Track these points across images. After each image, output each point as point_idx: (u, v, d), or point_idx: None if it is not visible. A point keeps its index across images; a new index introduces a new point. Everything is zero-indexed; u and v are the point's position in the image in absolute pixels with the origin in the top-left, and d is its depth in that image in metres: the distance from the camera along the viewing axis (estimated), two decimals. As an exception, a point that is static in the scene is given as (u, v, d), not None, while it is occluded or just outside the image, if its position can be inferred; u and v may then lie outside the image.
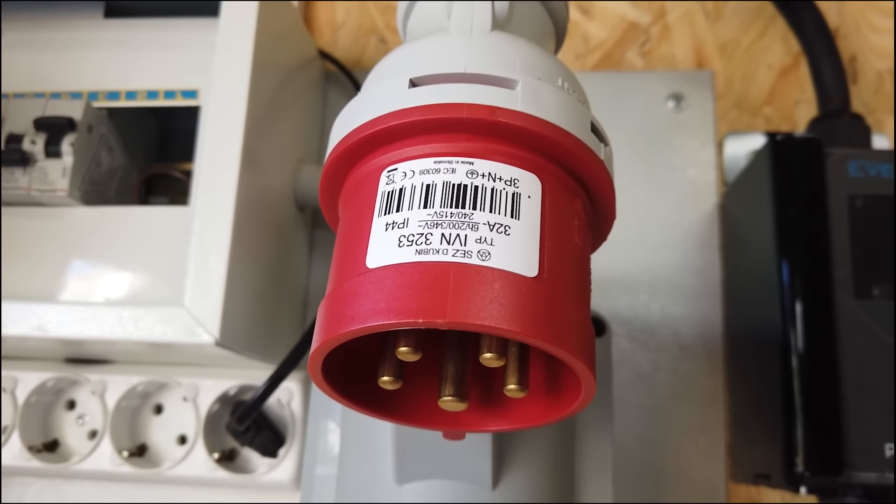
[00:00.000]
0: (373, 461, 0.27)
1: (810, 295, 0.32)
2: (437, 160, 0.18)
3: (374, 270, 0.17)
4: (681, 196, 0.42)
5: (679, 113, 0.43)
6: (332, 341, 0.17)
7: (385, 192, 0.18)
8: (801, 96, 0.43)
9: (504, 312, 0.16)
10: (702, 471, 0.39)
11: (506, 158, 0.18)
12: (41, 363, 0.39)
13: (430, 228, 0.17)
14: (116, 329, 0.32)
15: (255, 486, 0.38)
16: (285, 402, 0.38)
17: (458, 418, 0.21)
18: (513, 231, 0.17)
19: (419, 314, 0.16)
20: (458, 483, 0.26)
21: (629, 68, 0.44)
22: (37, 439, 0.39)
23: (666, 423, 0.39)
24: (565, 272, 0.18)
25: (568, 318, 0.17)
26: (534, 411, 0.21)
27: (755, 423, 0.36)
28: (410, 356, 0.18)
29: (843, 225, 0.33)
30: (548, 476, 0.27)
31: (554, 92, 0.19)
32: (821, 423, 0.31)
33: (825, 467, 0.31)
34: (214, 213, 0.32)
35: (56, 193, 0.35)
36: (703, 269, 0.41)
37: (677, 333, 0.41)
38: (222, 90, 0.34)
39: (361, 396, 0.20)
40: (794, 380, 0.32)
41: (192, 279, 0.32)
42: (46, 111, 0.36)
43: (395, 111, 0.18)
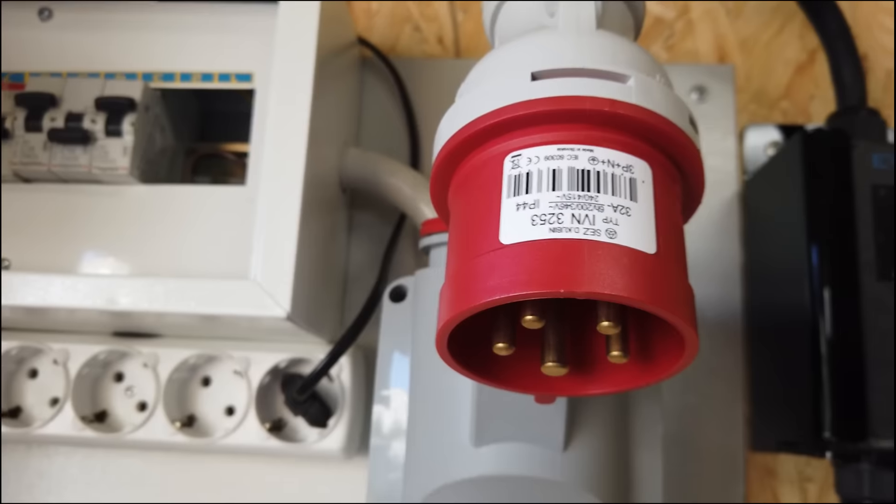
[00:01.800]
0: (448, 424, 0.29)
1: (837, 277, 0.35)
2: (561, 147, 0.20)
3: (511, 246, 0.19)
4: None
5: (702, 104, 0.46)
6: (473, 310, 0.19)
7: (512, 175, 0.20)
8: (815, 91, 0.46)
9: (633, 284, 0.18)
10: (721, 440, 0.42)
11: (622, 147, 0.20)
12: (92, 336, 0.40)
13: (561, 209, 0.19)
14: (189, 303, 0.33)
15: (306, 454, 0.40)
16: (335, 375, 0.40)
17: (556, 383, 0.23)
18: (633, 212, 0.19)
19: (560, 285, 0.18)
20: (531, 445, 0.28)
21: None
22: (87, 410, 0.40)
23: (687, 396, 0.42)
24: (675, 249, 0.20)
25: (680, 288, 0.19)
26: (626, 376, 0.23)
27: (780, 396, 0.39)
28: (535, 324, 0.20)
29: (867, 213, 0.35)
30: (608, 442, 0.29)
31: (660, 87, 0.21)
32: (846, 394, 0.34)
33: (850, 434, 0.33)
34: (283, 190, 0.34)
35: (117, 172, 0.36)
36: (723, 253, 0.44)
37: (698, 313, 0.43)
38: (288, 73, 0.35)
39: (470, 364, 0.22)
40: (823, 355, 0.34)
41: (263, 254, 0.33)
42: (105, 91, 0.37)
43: (521, 102, 0.20)
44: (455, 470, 0.28)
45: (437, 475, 0.29)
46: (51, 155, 0.37)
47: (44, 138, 0.37)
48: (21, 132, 0.37)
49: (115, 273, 0.36)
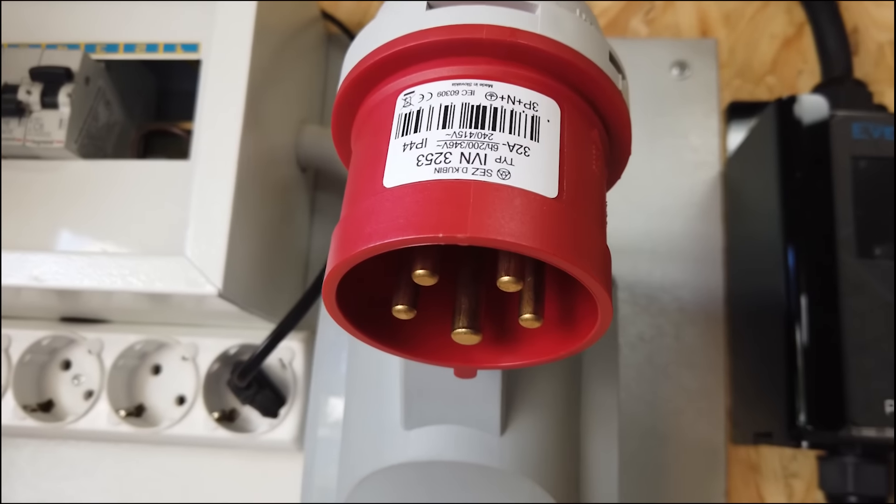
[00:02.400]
0: (379, 409, 0.27)
1: (813, 254, 0.32)
2: (456, 82, 0.18)
3: (393, 189, 0.17)
4: (683, 164, 0.42)
5: (683, 81, 0.43)
6: (351, 260, 0.17)
7: (402, 114, 0.18)
8: (803, 66, 0.43)
9: (524, 229, 0.16)
10: (702, 433, 0.39)
11: (525, 82, 0.18)
12: (36, 322, 0.39)
13: (450, 148, 0.17)
14: (116, 279, 0.31)
15: (256, 445, 0.38)
16: (287, 362, 0.38)
17: (471, 353, 0.21)
18: (532, 152, 0.17)
19: (439, 228, 0.16)
20: (465, 428, 0.25)
21: (633, 35, 0.44)
22: (31, 399, 0.39)
23: (667, 387, 0.39)
24: (584, 196, 0.18)
25: (587, 239, 0.17)
26: (547, 345, 0.20)
27: (757, 384, 0.36)
28: (427, 279, 0.18)
29: (846, 186, 0.33)
30: (555, 425, 0.27)
31: (573, 19, 0.19)
32: (822, 379, 0.31)
33: (826, 422, 0.31)
34: (217, 165, 0.32)
35: (52, 145, 0.35)
36: (705, 235, 0.41)
37: (678, 299, 0.41)
38: (224, 46, 0.33)
39: (373, 330, 0.20)
40: (797, 337, 0.32)
41: (194, 230, 0.31)
42: (42, 61, 0.36)
43: (412, 33, 0.18)
44: (385, 455, 0.26)
45: (368, 461, 0.27)
46: (-14, 129, 0.35)
47: (-22, 112, 0.35)
48: (-43, 106, 0.36)
49: (48, 249, 0.34)
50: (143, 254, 0.33)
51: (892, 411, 0.31)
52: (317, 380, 0.32)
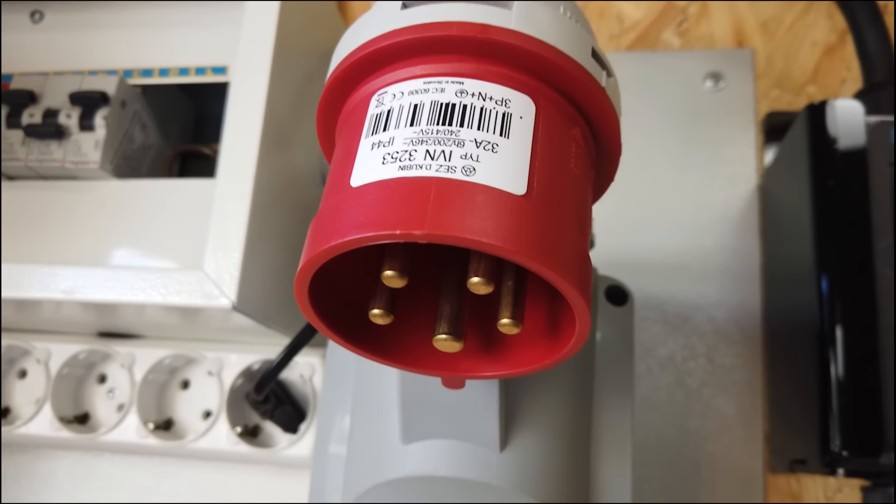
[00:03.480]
0: (381, 423, 0.26)
1: (849, 269, 0.30)
2: (427, 80, 0.18)
3: (357, 188, 0.16)
4: (719, 177, 0.41)
5: (717, 92, 0.42)
6: (315, 259, 0.16)
7: (373, 114, 0.18)
8: (846, 74, 0.41)
9: (486, 225, 0.15)
10: (738, 461, 0.37)
11: (498, 79, 0.18)
12: (75, 336, 0.40)
13: (415, 145, 0.17)
14: (137, 292, 0.32)
15: (275, 461, 0.38)
16: (307, 377, 0.38)
17: (455, 362, 0.20)
18: (500, 149, 0.17)
19: (397, 226, 0.15)
20: (464, 443, 0.25)
21: (665, 48, 0.43)
22: (68, 411, 0.40)
23: (700, 411, 0.38)
24: (558, 195, 0.17)
25: (559, 239, 0.16)
26: (532, 355, 0.20)
27: (794, 409, 0.34)
28: (395, 281, 0.17)
29: (885, 194, 0.31)
30: (560, 443, 0.26)
31: (551, 14, 0.18)
32: (859, 401, 0.29)
33: (864, 448, 0.29)
34: (236, 183, 0.33)
35: (88, 166, 0.36)
36: (742, 251, 0.39)
37: (713, 319, 0.39)
38: (245, 68, 0.35)
39: (358, 336, 0.20)
40: (832, 359, 0.30)
41: (212, 245, 0.32)
42: (83, 87, 0.37)
43: (386, 33, 0.18)
44: (385, 469, 0.26)
45: (369, 475, 0.26)
46: (28, 150, 0.37)
47: (22, 134, 0.37)
48: (4, 129, 0.38)
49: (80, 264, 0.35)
50: (168, 268, 0.34)
51: (940, 438, 0.29)
52: (326, 396, 0.32)
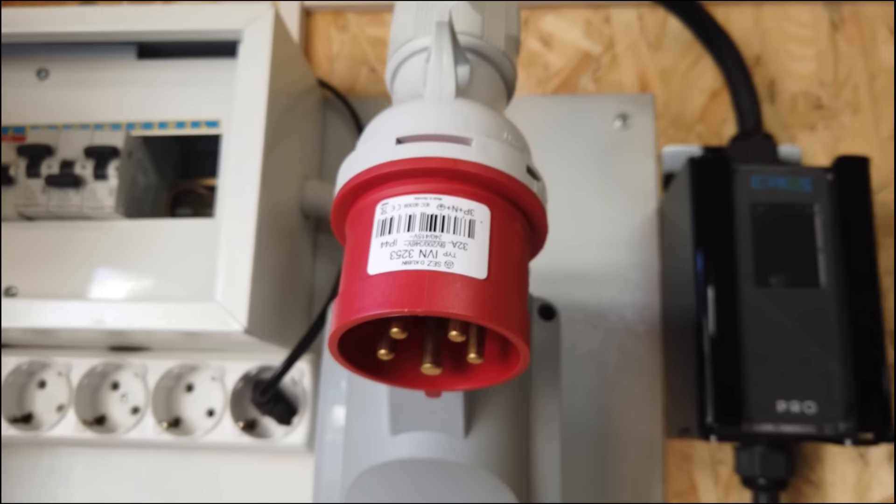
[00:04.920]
0: (372, 420, 0.35)
1: (719, 283, 0.40)
2: (417, 196, 0.26)
3: (373, 276, 0.25)
4: (627, 202, 0.50)
5: (626, 130, 0.51)
6: (346, 325, 0.24)
7: (380, 219, 0.26)
8: (727, 115, 0.51)
9: (462, 303, 0.24)
10: (644, 431, 0.47)
11: (464, 194, 0.26)
12: (90, 351, 0.47)
13: (412, 246, 0.25)
14: (162, 321, 0.39)
15: (274, 449, 0.46)
16: (298, 380, 0.46)
17: (435, 380, 0.29)
18: (469, 247, 0.25)
19: (405, 305, 0.23)
20: (438, 433, 0.33)
21: (583, 92, 0.52)
22: (88, 415, 0.46)
23: (613, 393, 0.47)
24: (507, 274, 0.25)
25: (507, 306, 0.25)
26: (489, 375, 0.28)
27: (682, 389, 0.44)
28: (400, 335, 0.26)
29: (746, 227, 0.41)
30: (507, 430, 0.35)
31: (499, 146, 0.27)
32: (726, 384, 0.39)
33: (729, 420, 0.39)
34: (239, 223, 0.40)
35: (104, 210, 0.43)
36: (645, 264, 0.49)
37: (623, 318, 0.48)
38: (243, 121, 0.41)
39: (365, 366, 0.28)
40: (706, 351, 0.40)
41: (223, 278, 0.39)
42: (93, 141, 0.44)
43: (387, 162, 0.26)
44: (377, 455, 0.34)
45: (363, 460, 0.35)
46: (48, 197, 0.43)
47: (42, 183, 0.43)
48: (23, 178, 0.43)
49: (103, 297, 0.42)
50: (176, 298, 0.41)
51: (783, 410, 0.39)
52: (323, 394, 0.40)
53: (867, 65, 0.51)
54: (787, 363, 0.39)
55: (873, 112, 0.51)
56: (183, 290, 0.42)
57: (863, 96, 0.51)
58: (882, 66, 0.51)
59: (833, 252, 0.41)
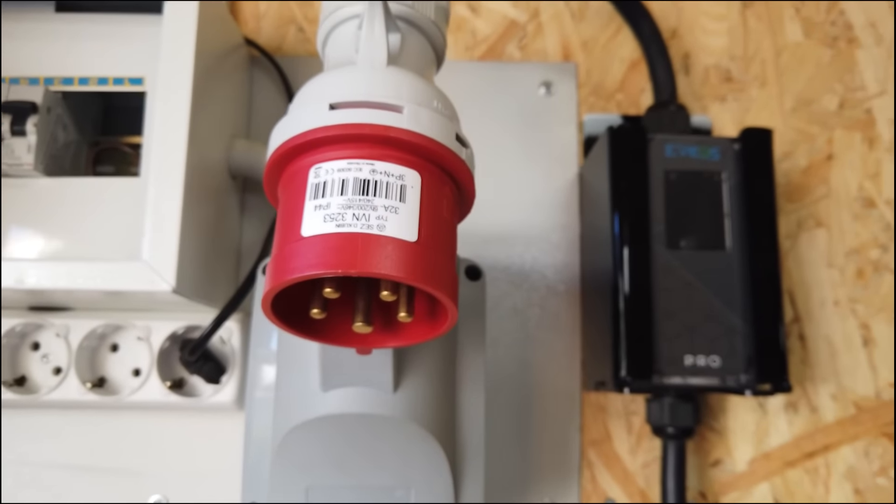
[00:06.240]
0: (302, 377, 0.36)
1: (633, 245, 0.43)
2: (350, 161, 0.26)
3: (307, 238, 0.25)
4: (549, 167, 0.52)
5: (549, 98, 0.53)
6: (280, 285, 0.25)
7: (314, 183, 0.26)
8: (645, 85, 0.53)
9: (393, 264, 0.25)
10: (563, 384, 0.50)
11: (396, 160, 0.27)
12: (8, 311, 0.46)
13: (345, 209, 0.26)
14: (88, 281, 0.39)
15: (203, 407, 0.46)
16: (226, 339, 0.46)
17: (366, 338, 0.30)
18: (400, 211, 0.26)
19: (339, 266, 0.24)
20: (368, 389, 0.35)
21: (509, 59, 0.53)
22: (7, 375, 0.46)
23: (535, 347, 0.50)
24: (436, 237, 0.27)
25: (437, 267, 0.26)
26: (419, 332, 0.30)
27: (598, 344, 0.47)
28: (332, 295, 0.27)
29: (659, 192, 0.43)
30: (435, 384, 0.37)
31: (429, 114, 0.28)
32: (638, 340, 0.42)
33: (640, 373, 0.42)
34: (166, 182, 0.40)
35: (23, 167, 0.42)
36: (566, 225, 0.51)
37: (545, 277, 0.51)
38: (169, 78, 0.40)
39: (298, 325, 0.29)
40: (620, 308, 0.42)
41: (150, 237, 0.39)
42: (9, 95, 0.42)
43: (321, 127, 0.27)
44: (308, 411, 0.35)
45: (294, 416, 0.36)
46: (-38, 153, 0.42)
47: (-45, 138, 0.42)
48: (-66, 133, 0.42)
49: (25, 256, 0.41)
50: (101, 257, 0.40)
51: (690, 364, 0.42)
52: (253, 353, 0.41)
53: (774, 41, 0.54)
54: (694, 320, 0.42)
55: (778, 85, 0.54)
56: (107, 250, 0.42)
57: (769, 70, 0.54)
58: (788, 42, 0.54)
59: (738, 217, 0.44)
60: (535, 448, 0.49)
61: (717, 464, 0.49)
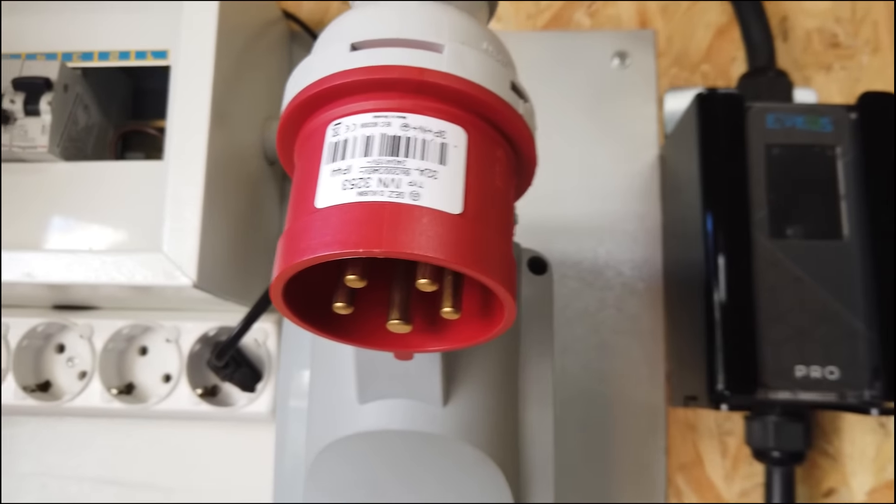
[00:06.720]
0: (339, 387, 0.30)
1: (730, 235, 0.36)
2: (376, 115, 0.21)
3: (322, 210, 0.20)
4: (625, 149, 0.45)
5: (623, 70, 0.46)
6: (289, 270, 0.20)
7: (331, 142, 0.21)
8: (736, 54, 0.46)
9: (430, 242, 0.19)
10: (644, 397, 0.43)
11: (434, 113, 0.21)
12: (31, 310, 0.42)
13: (369, 174, 0.20)
14: (100, 274, 0.34)
15: (235, 418, 0.42)
16: (261, 342, 0.41)
17: (405, 339, 0.24)
18: (440, 175, 0.20)
19: (360, 245, 0.19)
20: (412, 401, 0.29)
21: (577, 28, 0.47)
22: (30, 380, 0.42)
23: (611, 355, 0.43)
24: (487, 210, 0.21)
25: (487, 247, 0.20)
26: (469, 333, 0.24)
27: (687, 352, 0.40)
28: (357, 283, 0.21)
29: (760, 172, 0.36)
30: (492, 397, 0.31)
31: (476, 55, 0.22)
32: (738, 348, 0.35)
33: (742, 387, 0.35)
34: (187, 166, 0.35)
35: (37, 150, 0.38)
36: (645, 215, 0.45)
37: (621, 274, 0.44)
38: (190, 52, 0.36)
39: (322, 323, 0.24)
40: (716, 311, 0.35)
41: (169, 227, 0.35)
42: (23, 71, 0.38)
43: (339, 72, 0.21)
44: (342, 426, 0.30)
45: (328, 432, 0.30)
46: (-26, 135, 0.38)
47: (-33, 120, 0.38)
48: (-54, 114, 0.38)
49: (39, 247, 0.37)
50: (123, 249, 0.36)
51: (802, 376, 0.35)
52: (286, 357, 0.35)
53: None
54: (805, 323, 0.35)
55: (894, 51, 0.46)
56: (130, 241, 0.38)
57: (882, 34, 0.46)
58: (908, -2, 0.46)
59: (857, 199, 0.36)
60: (612, 473, 0.42)
61: (831, 494, 0.41)
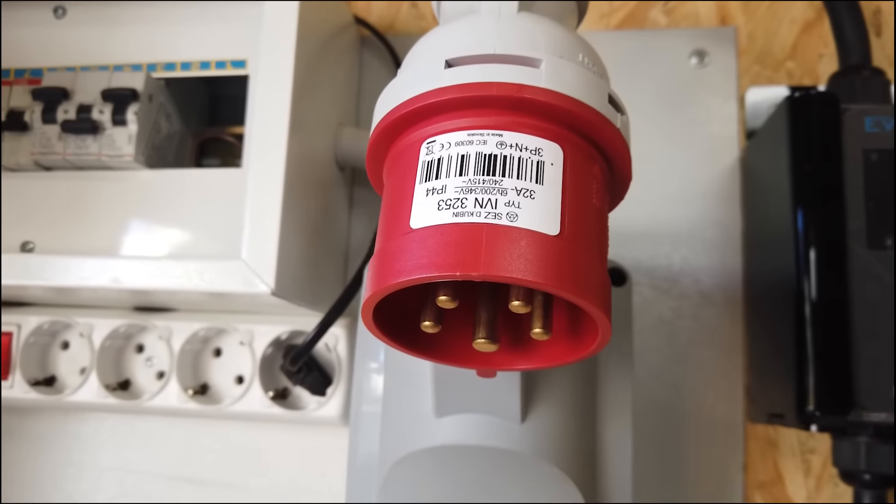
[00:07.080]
0: (414, 397, 0.30)
1: (824, 245, 0.34)
2: (471, 133, 0.21)
3: (418, 230, 0.20)
4: (703, 151, 0.44)
5: (702, 69, 0.45)
6: (382, 291, 0.20)
7: (425, 161, 0.21)
8: (824, 50, 0.44)
9: (529, 266, 0.19)
10: (722, 412, 0.42)
11: (531, 130, 0.21)
12: (113, 311, 0.43)
13: (465, 194, 0.20)
14: (183, 280, 0.35)
15: (306, 421, 0.42)
16: (332, 346, 0.41)
17: (490, 358, 0.24)
18: (537, 195, 0.20)
19: (457, 268, 0.19)
20: (490, 416, 0.29)
21: (653, 26, 0.46)
22: (111, 379, 0.43)
23: (686, 367, 0.42)
24: (584, 230, 0.20)
25: (586, 270, 0.20)
26: (557, 352, 0.23)
27: (771, 367, 0.38)
28: (449, 304, 0.21)
29: (858, 178, 0.34)
30: (571, 414, 0.30)
31: (574, 69, 0.21)
32: (831, 365, 0.33)
33: (834, 407, 0.33)
34: (266, 175, 0.35)
35: (123, 158, 0.39)
36: (724, 221, 0.43)
37: (698, 282, 0.43)
38: (270, 61, 0.36)
39: (406, 339, 0.23)
40: (807, 325, 0.34)
41: (249, 235, 0.35)
42: (111, 83, 0.39)
43: (433, 90, 0.21)
44: (418, 439, 0.30)
45: (404, 444, 0.30)
46: (65, 144, 0.39)
47: (58, 129, 0.39)
48: (39, 124, 0.40)
49: (123, 253, 0.38)
50: (202, 256, 0.37)
51: (899, 395, 0.33)
52: (359, 362, 0.35)
53: None
54: (904, 340, 0.33)
55: None
56: (210, 247, 0.38)
57: None
58: None
59: (960, 209, 0.34)
60: (686, 489, 0.41)
61: (923, 517, 0.39)
